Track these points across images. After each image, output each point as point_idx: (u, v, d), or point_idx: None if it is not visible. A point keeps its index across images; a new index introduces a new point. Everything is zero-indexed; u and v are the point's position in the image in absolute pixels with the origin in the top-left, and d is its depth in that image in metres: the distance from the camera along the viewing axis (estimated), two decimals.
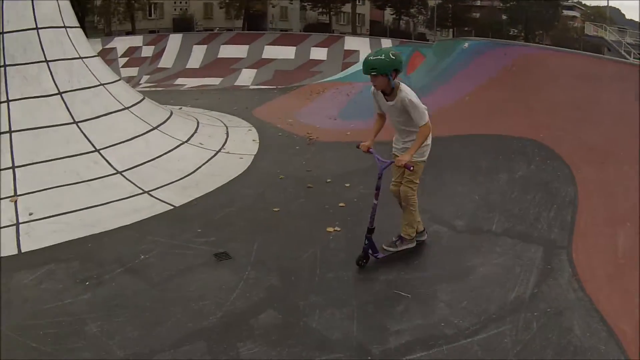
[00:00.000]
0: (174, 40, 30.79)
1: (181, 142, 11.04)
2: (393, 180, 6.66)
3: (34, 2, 10.62)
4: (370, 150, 6.37)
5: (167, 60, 29.34)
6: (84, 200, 8.32)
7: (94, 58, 11.77)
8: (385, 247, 6.47)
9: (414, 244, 6.61)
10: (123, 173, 9.21)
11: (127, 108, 11.01)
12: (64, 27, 11.18)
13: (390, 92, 6.17)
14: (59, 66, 10.46)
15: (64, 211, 8.07)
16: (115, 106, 10.78)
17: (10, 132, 9.20)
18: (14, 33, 10.15)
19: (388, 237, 6.57)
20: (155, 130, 10.97)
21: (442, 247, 6.77)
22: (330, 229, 7.24)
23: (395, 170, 6.54)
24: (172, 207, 8.35)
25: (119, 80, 12.22)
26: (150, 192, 8.84)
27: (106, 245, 7.11)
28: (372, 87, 6.24)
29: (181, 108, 14.99)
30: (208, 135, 12.01)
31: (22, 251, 7.12)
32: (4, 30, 10.08)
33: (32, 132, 9.29)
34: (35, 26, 10.45)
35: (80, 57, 11.09)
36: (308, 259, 6.47)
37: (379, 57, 5.96)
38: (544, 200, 7.66)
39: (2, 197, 8.28)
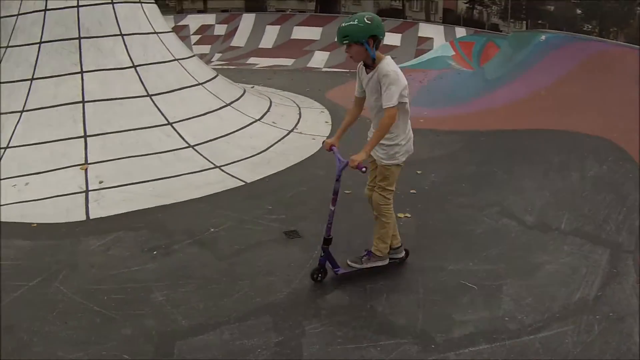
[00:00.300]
0: (247, 20, 30.57)
1: (254, 119, 11.05)
2: (367, 184, 5.91)
3: None
4: (332, 148, 5.52)
5: (239, 39, 29.17)
6: (155, 172, 8.46)
7: (169, 34, 11.92)
8: (349, 263, 5.77)
9: (386, 262, 5.84)
10: (195, 147, 9.29)
11: (201, 84, 11.12)
12: (139, 2, 11.38)
13: (372, 65, 5.29)
14: (134, 40, 10.65)
15: (135, 181, 8.24)
16: (189, 81, 10.89)
17: (83, 102, 9.39)
18: (90, 7, 10.38)
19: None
20: (229, 106, 11.03)
21: (511, 241, 6.59)
22: (401, 215, 7.12)
23: (370, 171, 5.77)
24: (243, 183, 8.39)
25: (193, 56, 12.33)
26: (222, 167, 8.90)
27: (176, 217, 7.20)
28: (358, 64, 5.45)
29: (253, 87, 15.02)
30: (281, 114, 12.01)
31: (91, 217, 7.29)
32: (80, 4, 10.30)
33: (106, 103, 9.47)
34: (110, 0, 10.66)
35: (155, 32, 11.24)
36: None
37: (352, 22, 5.11)
38: (614, 202, 7.43)
39: (72, 164, 8.47)
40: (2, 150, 8.96)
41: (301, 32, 28.60)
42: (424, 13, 69.77)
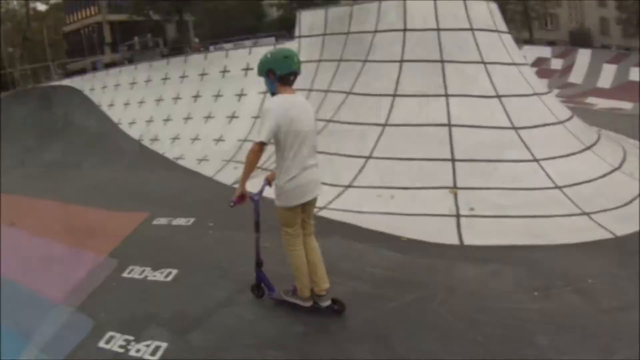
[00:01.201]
0: (583, 56, 30.02)
1: (613, 168, 10.49)
2: None
3: (466, 2, 11.18)
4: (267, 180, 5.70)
5: (576, 76, 28.57)
6: (525, 208, 8.46)
7: (526, 66, 11.97)
8: (282, 292, 5.90)
9: (306, 305, 5.66)
10: (562, 189, 9.08)
11: (562, 122, 10.93)
12: (497, 31, 11.57)
13: None
14: (496, 69, 10.80)
15: (507, 214, 8.31)
16: (550, 118, 10.75)
17: (449, 125, 9.66)
18: (450, 31, 10.81)
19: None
20: (589, 150, 10.64)
21: None
22: None
23: None
24: (612, 236, 8.01)
25: (550, 92, 12.22)
26: (590, 215, 8.56)
27: (552, 259, 7.11)
28: None
29: (601, 130, 14.52)
30: (636, 165, 11.36)
31: (464, 243, 7.51)
32: (439, 27, 10.77)
33: (472, 130, 9.69)
34: (469, 27, 10.96)
35: (514, 64, 11.33)
36: None
37: (262, 56, 5.28)
38: None
39: (441, 186, 8.74)
40: (364, 160, 9.52)
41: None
42: None
